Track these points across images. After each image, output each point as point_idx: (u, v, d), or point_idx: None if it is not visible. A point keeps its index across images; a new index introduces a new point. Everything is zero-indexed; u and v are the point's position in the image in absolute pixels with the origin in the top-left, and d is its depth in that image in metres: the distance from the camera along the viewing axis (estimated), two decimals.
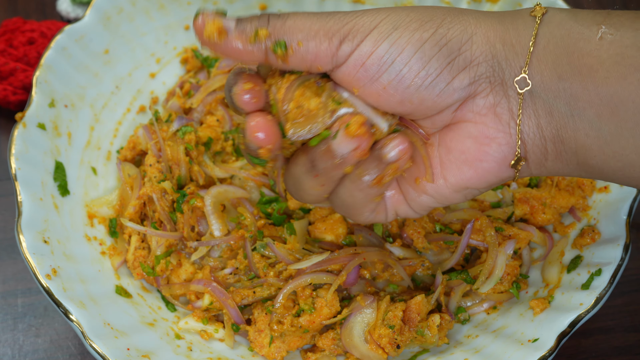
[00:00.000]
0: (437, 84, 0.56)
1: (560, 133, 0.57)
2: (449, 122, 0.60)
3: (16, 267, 0.86)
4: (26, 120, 0.79)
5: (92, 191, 0.84)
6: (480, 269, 0.77)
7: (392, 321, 0.73)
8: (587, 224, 0.79)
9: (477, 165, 0.59)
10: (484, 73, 0.57)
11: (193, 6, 0.94)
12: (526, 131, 0.57)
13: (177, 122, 0.85)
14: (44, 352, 0.81)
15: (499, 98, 0.57)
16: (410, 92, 0.56)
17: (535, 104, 0.56)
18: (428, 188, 0.62)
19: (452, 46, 0.56)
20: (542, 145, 0.58)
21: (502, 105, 0.57)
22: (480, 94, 0.57)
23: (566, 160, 0.58)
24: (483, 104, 0.57)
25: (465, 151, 0.59)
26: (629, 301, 0.85)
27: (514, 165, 0.59)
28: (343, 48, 0.56)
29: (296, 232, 0.79)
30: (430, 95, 0.57)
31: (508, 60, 0.56)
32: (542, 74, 0.56)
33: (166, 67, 0.94)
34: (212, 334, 0.78)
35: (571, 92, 0.55)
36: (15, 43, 0.97)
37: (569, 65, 0.55)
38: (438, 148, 0.61)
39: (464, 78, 0.56)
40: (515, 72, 0.56)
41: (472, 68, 0.56)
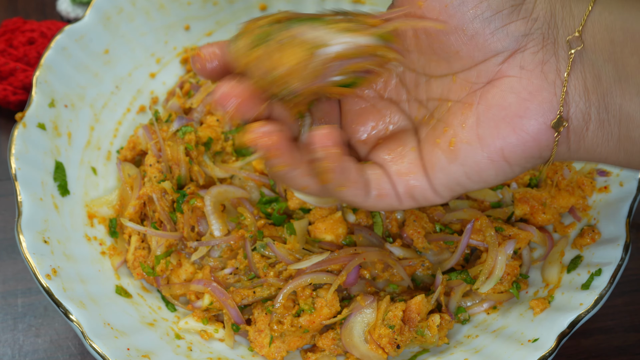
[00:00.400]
0: (494, 20, 0.57)
1: (606, 99, 0.57)
2: (493, 77, 0.59)
3: (16, 267, 0.87)
4: (26, 120, 0.79)
5: (92, 191, 0.84)
6: (480, 269, 0.77)
7: (392, 321, 0.73)
8: (587, 224, 0.79)
9: (516, 122, 0.57)
10: (540, 28, 0.57)
11: (193, 6, 0.94)
12: (571, 93, 0.57)
13: (177, 122, 0.85)
14: (44, 352, 0.81)
15: (548, 56, 0.57)
16: (467, 18, 0.57)
17: (584, 66, 0.57)
18: (461, 152, 0.59)
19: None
20: (585, 111, 0.57)
21: (551, 63, 0.57)
22: (531, 49, 0.57)
23: (608, 132, 0.58)
24: (531, 60, 0.57)
25: (507, 107, 0.57)
26: (629, 301, 0.85)
27: (555, 125, 0.57)
28: None
29: (296, 232, 0.79)
30: (484, 30, 0.57)
31: (564, 20, 0.57)
32: (595, 36, 0.57)
33: (166, 67, 0.94)
34: (212, 334, 0.78)
35: (621, 56, 0.56)
36: (15, 43, 0.97)
37: (622, 31, 0.56)
38: (477, 107, 0.59)
39: (521, 27, 0.57)
40: (569, 32, 0.57)
41: (530, 20, 0.57)
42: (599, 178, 0.81)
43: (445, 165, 0.60)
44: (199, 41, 0.95)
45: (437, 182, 0.61)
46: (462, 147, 0.59)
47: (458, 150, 0.59)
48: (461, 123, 0.59)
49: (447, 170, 0.60)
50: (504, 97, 0.58)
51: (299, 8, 0.96)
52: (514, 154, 0.58)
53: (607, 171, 0.81)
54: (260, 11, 0.96)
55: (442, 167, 0.60)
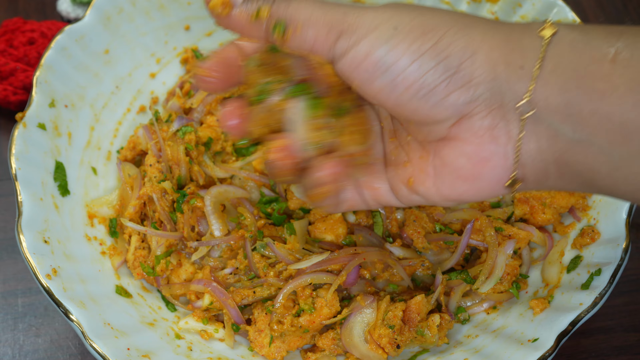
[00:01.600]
0: (432, 96, 0.55)
1: (564, 156, 0.54)
2: (445, 136, 0.58)
3: (16, 267, 0.87)
4: (26, 120, 0.79)
5: (92, 191, 0.84)
6: (480, 269, 0.77)
7: (392, 321, 0.73)
8: (587, 224, 0.79)
9: (471, 183, 0.58)
10: (482, 94, 0.55)
11: (193, 6, 0.94)
12: (526, 154, 0.56)
13: (177, 122, 0.85)
14: (44, 352, 0.81)
15: (497, 120, 0.55)
16: (403, 99, 0.56)
17: (537, 127, 0.54)
18: (420, 191, 0.62)
19: (451, 61, 0.54)
20: (543, 168, 0.56)
21: (500, 127, 0.55)
22: (478, 115, 0.56)
23: (570, 180, 0.56)
24: (480, 125, 0.56)
25: (460, 168, 0.58)
26: (629, 301, 0.85)
27: (510, 185, 0.57)
28: (340, 43, 0.56)
29: (296, 232, 0.79)
30: (424, 106, 0.56)
31: (510, 83, 0.54)
32: (548, 98, 0.53)
33: (166, 67, 0.94)
34: (212, 333, 0.78)
35: (580, 117, 0.52)
36: (16, 43, 0.97)
37: (578, 90, 0.52)
38: (433, 159, 0.60)
39: (460, 96, 0.55)
40: (517, 95, 0.54)
41: (470, 87, 0.55)
42: None
43: (407, 194, 0.63)
44: (199, 41, 0.95)
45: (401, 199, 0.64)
46: (420, 189, 0.62)
47: (417, 189, 0.62)
48: (419, 168, 0.61)
49: (408, 197, 0.63)
50: (457, 159, 0.58)
51: None
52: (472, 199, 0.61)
53: None
54: None
55: (403, 194, 0.63)
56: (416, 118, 0.58)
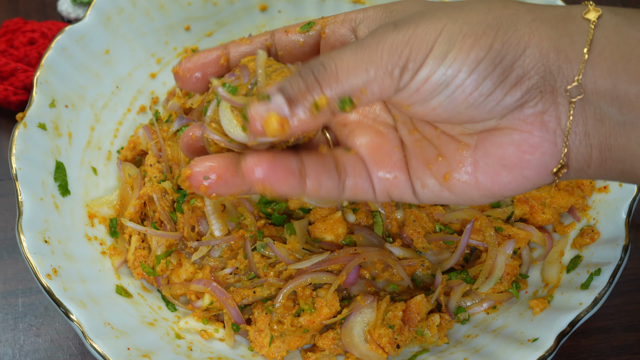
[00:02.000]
0: (489, 102, 0.54)
1: (608, 141, 0.55)
2: (492, 128, 0.57)
3: (17, 267, 0.87)
4: (27, 121, 0.79)
5: (92, 191, 0.85)
6: (480, 268, 0.77)
7: (392, 321, 0.73)
8: (586, 224, 0.79)
9: (517, 172, 0.57)
10: (535, 84, 0.54)
11: (193, 6, 0.94)
12: (572, 139, 0.55)
13: (177, 122, 0.85)
14: (45, 352, 0.81)
15: (547, 105, 0.55)
16: (459, 111, 0.55)
17: (585, 111, 0.54)
18: (457, 186, 0.59)
19: (506, 63, 0.54)
20: (586, 153, 0.56)
21: (550, 112, 0.55)
22: (529, 103, 0.55)
23: (610, 168, 0.56)
24: (531, 112, 0.55)
25: (506, 157, 0.56)
26: (628, 301, 0.85)
27: (556, 172, 0.56)
28: (404, 79, 0.53)
29: (296, 232, 0.79)
30: (480, 114, 0.55)
31: (561, 68, 0.54)
32: (596, 81, 0.54)
33: (166, 67, 0.94)
34: (212, 333, 0.78)
35: (627, 99, 0.53)
36: (16, 43, 0.97)
37: (625, 72, 0.53)
38: (475, 150, 0.58)
39: (516, 93, 0.54)
40: (567, 80, 0.54)
41: (524, 82, 0.54)
42: None
43: (437, 191, 0.60)
44: (199, 41, 0.95)
45: (421, 196, 0.61)
46: (458, 185, 0.59)
47: (454, 186, 0.59)
48: (457, 160, 0.59)
49: (438, 194, 0.60)
50: (504, 148, 0.56)
51: (299, 8, 0.96)
52: (514, 192, 0.58)
53: None
54: (260, 11, 0.96)
55: (432, 190, 0.60)
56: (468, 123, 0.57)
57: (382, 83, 0.52)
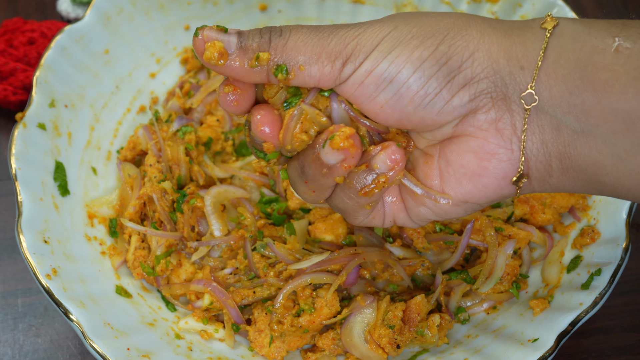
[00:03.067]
0: (436, 103, 0.55)
1: (567, 149, 0.54)
2: (450, 135, 0.58)
3: (16, 267, 0.87)
4: (26, 120, 0.79)
5: (92, 191, 0.85)
6: (480, 269, 0.77)
7: (392, 321, 0.73)
8: (587, 224, 0.79)
9: (477, 180, 0.58)
10: (485, 89, 0.55)
11: (193, 6, 0.94)
12: (529, 147, 0.55)
13: (177, 122, 0.85)
14: (44, 352, 0.81)
15: (501, 113, 0.55)
16: (408, 111, 0.55)
17: (540, 120, 0.55)
18: (427, 200, 0.60)
19: (452, 64, 0.54)
20: (546, 162, 0.56)
21: (505, 120, 0.55)
22: (482, 109, 0.55)
23: (573, 177, 0.56)
24: (484, 119, 0.56)
25: (465, 165, 0.58)
26: (629, 301, 0.85)
27: (516, 182, 0.57)
28: (345, 70, 0.55)
29: (296, 232, 0.79)
30: (429, 114, 0.56)
31: (512, 75, 0.54)
32: (551, 89, 0.53)
33: (166, 67, 0.94)
34: (212, 334, 0.78)
35: (583, 107, 0.52)
36: (16, 43, 0.97)
37: (581, 80, 0.52)
38: (438, 160, 0.60)
39: (464, 95, 0.55)
40: (520, 87, 0.54)
41: (472, 85, 0.55)
42: None
43: (414, 207, 0.62)
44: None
45: (411, 216, 0.63)
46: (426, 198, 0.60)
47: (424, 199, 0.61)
48: (424, 174, 0.60)
49: (416, 211, 0.62)
50: (462, 156, 0.57)
51: (298, 8, 0.96)
52: (478, 201, 0.59)
53: None
54: (260, 11, 0.96)
55: (411, 208, 0.62)
56: (422, 127, 0.57)
57: (322, 68, 0.55)
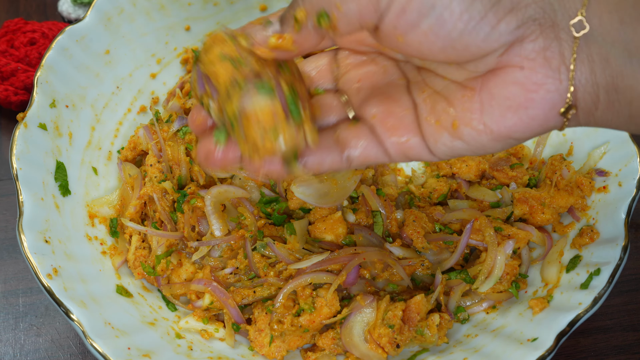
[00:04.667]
0: (482, 28, 0.53)
1: (615, 81, 0.53)
2: (494, 67, 0.55)
3: (17, 267, 0.87)
4: (27, 121, 0.79)
5: (93, 191, 0.85)
6: (480, 268, 0.77)
7: (392, 321, 0.73)
8: (586, 224, 0.79)
9: (523, 113, 0.55)
10: (533, 15, 0.53)
11: (194, 7, 0.94)
12: (577, 77, 0.53)
13: (177, 122, 0.85)
14: (45, 352, 0.82)
15: (549, 41, 0.53)
16: (452, 37, 0.53)
17: (590, 49, 0.53)
18: (465, 134, 0.57)
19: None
20: (593, 93, 0.54)
21: (553, 49, 0.53)
22: (529, 37, 0.53)
23: (618, 111, 0.55)
24: (532, 48, 0.53)
25: (511, 97, 0.55)
26: (628, 300, 0.85)
27: (564, 113, 0.55)
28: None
29: (296, 232, 0.79)
30: (475, 41, 0.53)
31: (561, 1, 0.53)
32: (601, 16, 0.52)
33: (167, 68, 0.94)
34: (212, 333, 0.78)
35: (633, 37, 0.51)
36: (17, 44, 0.97)
37: (633, 9, 0.51)
38: (480, 93, 0.57)
39: (511, 21, 0.53)
40: (570, 14, 0.52)
41: (519, 10, 0.53)
42: (598, 178, 0.81)
43: (449, 142, 0.59)
44: (199, 42, 0.95)
45: (437, 151, 0.60)
46: (466, 131, 0.58)
47: (462, 133, 0.58)
48: (463, 107, 0.58)
49: (450, 145, 0.59)
50: (507, 88, 0.55)
51: None
52: (522, 135, 0.57)
53: (605, 171, 0.81)
54: (260, 12, 0.96)
55: (444, 142, 0.59)
56: (466, 56, 0.55)
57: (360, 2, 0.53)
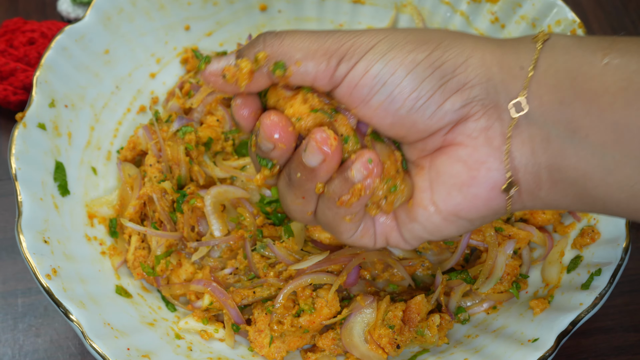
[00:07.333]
0: (429, 106, 0.55)
1: (557, 160, 0.55)
2: (440, 145, 0.58)
3: (16, 267, 0.87)
4: (26, 120, 0.79)
5: (92, 191, 0.85)
6: (480, 269, 0.77)
7: (392, 321, 0.73)
8: (587, 224, 0.79)
9: (466, 191, 0.58)
10: (477, 96, 0.55)
11: (193, 6, 0.94)
12: (519, 157, 0.56)
13: (177, 122, 0.85)
14: (44, 352, 0.81)
15: (491, 121, 0.56)
16: (401, 114, 0.56)
17: (530, 129, 0.55)
18: (419, 215, 0.60)
19: (446, 68, 0.55)
20: (535, 173, 0.56)
21: (495, 128, 0.56)
22: (473, 117, 0.56)
23: (563, 191, 0.56)
24: (474, 127, 0.56)
25: (455, 175, 0.58)
26: (629, 301, 0.85)
27: (506, 189, 0.57)
28: (340, 68, 0.56)
29: (294, 234, 0.79)
30: (422, 118, 0.56)
31: (505, 83, 0.55)
32: (541, 98, 0.54)
33: (166, 67, 0.94)
34: (212, 334, 0.78)
35: (573, 117, 0.53)
36: (16, 43, 0.97)
37: (571, 90, 0.53)
38: (429, 172, 0.60)
39: (456, 101, 0.55)
40: (511, 95, 0.55)
41: (465, 91, 0.55)
42: None
43: (407, 223, 0.62)
44: (199, 41, 0.95)
45: (404, 234, 0.63)
46: (418, 211, 0.60)
47: (415, 213, 0.60)
48: (416, 186, 0.60)
49: (409, 227, 0.62)
50: (452, 166, 0.58)
51: (298, 8, 0.96)
52: (468, 215, 0.59)
53: None
54: (260, 11, 0.96)
55: (404, 223, 0.62)
56: (413, 133, 0.57)
57: (318, 65, 0.56)
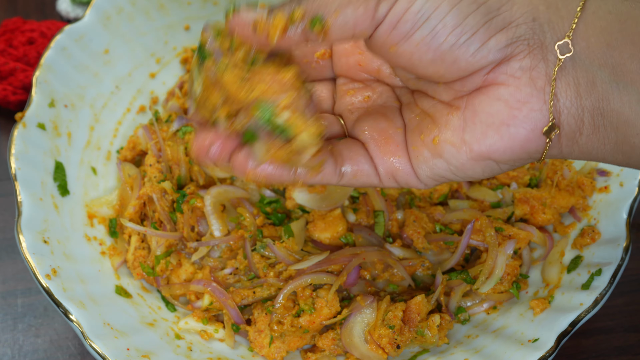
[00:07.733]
0: (472, 42, 0.53)
1: (601, 105, 0.53)
2: (480, 85, 0.56)
3: (16, 267, 0.86)
4: (26, 120, 0.79)
5: (92, 191, 0.84)
6: (481, 269, 0.77)
7: (392, 321, 0.73)
8: (587, 224, 0.79)
9: (504, 130, 0.55)
10: (523, 35, 0.54)
11: (193, 6, 0.94)
12: (563, 99, 0.54)
13: (177, 122, 0.85)
14: (44, 352, 0.81)
15: (536, 61, 0.54)
16: (443, 49, 0.54)
17: (576, 71, 0.53)
18: (445, 151, 0.58)
19: (491, 5, 0.53)
20: (578, 116, 0.54)
21: (539, 69, 0.54)
22: (517, 56, 0.54)
23: (603, 138, 0.55)
24: (518, 67, 0.54)
25: (494, 114, 0.55)
26: (629, 301, 0.85)
27: (547, 132, 0.55)
28: (381, 8, 0.53)
29: (294, 234, 0.79)
30: (464, 55, 0.54)
31: (551, 23, 0.54)
32: (589, 40, 0.53)
33: (166, 67, 0.94)
34: (212, 334, 0.78)
35: (620, 61, 0.52)
36: (15, 43, 0.97)
37: (620, 33, 0.52)
38: (464, 111, 0.57)
39: (501, 39, 0.53)
40: (558, 36, 0.53)
41: (510, 29, 0.53)
42: (599, 178, 0.81)
43: (429, 159, 0.59)
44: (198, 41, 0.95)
45: (420, 172, 0.60)
46: (445, 147, 0.58)
47: (442, 149, 0.58)
48: (447, 125, 0.58)
49: (430, 163, 0.59)
50: (491, 105, 0.56)
51: None
52: (501, 157, 0.57)
53: (607, 171, 0.81)
54: None
55: (425, 160, 0.60)
56: (454, 70, 0.55)
57: (356, 9, 0.53)
